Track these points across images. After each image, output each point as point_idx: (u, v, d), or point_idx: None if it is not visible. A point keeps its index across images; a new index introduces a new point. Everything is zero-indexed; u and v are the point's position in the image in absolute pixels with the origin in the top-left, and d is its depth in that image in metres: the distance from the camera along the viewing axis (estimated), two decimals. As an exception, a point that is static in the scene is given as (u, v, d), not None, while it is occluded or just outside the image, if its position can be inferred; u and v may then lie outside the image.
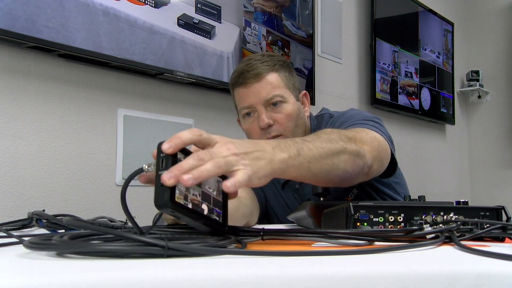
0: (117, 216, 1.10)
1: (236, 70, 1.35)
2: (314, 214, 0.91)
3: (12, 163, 1.48)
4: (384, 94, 3.14)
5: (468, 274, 0.52)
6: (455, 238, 0.70)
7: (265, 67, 1.31)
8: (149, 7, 1.77)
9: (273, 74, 1.31)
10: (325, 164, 0.88)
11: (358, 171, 0.98)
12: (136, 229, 0.67)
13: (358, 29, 3.13)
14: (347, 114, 1.32)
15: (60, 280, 0.46)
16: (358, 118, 1.25)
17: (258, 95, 1.29)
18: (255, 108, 1.30)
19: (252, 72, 1.29)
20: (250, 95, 1.29)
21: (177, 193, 0.63)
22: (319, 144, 0.88)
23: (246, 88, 1.30)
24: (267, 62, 1.32)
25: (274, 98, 1.29)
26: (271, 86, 1.30)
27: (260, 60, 1.33)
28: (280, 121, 1.29)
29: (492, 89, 4.23)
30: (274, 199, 1.39)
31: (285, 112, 1.30)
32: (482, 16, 4.33)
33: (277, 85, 1.30)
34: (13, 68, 1.50)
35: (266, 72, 1.30)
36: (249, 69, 1.30)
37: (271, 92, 1.29)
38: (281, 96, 1.30)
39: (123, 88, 1.79)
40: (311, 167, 0.85)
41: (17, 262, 0.57)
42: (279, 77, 1.32)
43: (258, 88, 1.29)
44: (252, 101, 1.30)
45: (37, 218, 0.92)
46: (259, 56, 1.36)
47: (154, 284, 0.47)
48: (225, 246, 0.64)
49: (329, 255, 0.61)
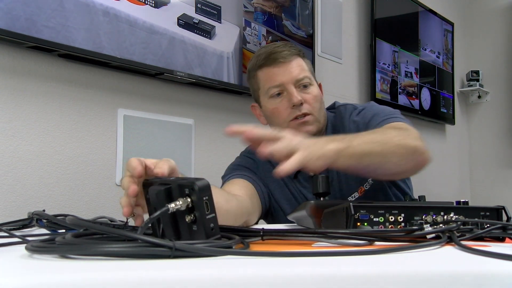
0: (117, 216, 1.10)
1: (260, 53, 1.37)
2: (315, 214, 0.91)
3: (12, 163, 1.48)
4: (384, 94, 3.14)
5: (468, 274, 0.52)
6: (455, 238, 0.70)
7: (293, 51, 1.36)
8: (149, 7, 1.77)
9: (300, 59, 1.36)
10: (376, 158, 1.01)
11: (412, 165, 1.10)
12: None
13: (358, 29, 3.13)
14: (375, 108, 1.37)
15: (65, 281, 0.46)
16: (390, 112, 1.32)
17: (289, 74, 1.32)
18: (285, 87, 1.32)
19: (282, 53, 1.33)
20: (281, 73, 1.32)
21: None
22: (371, 138, 1.03)
23: (277, 67, 1.32)
24: (293, 48, 1.37)
25: (304, 79, 1.33)
26: (300, 68, 1.34)
27: (286, 45, 1.38)
28: (309, 101, 1.33)
29: (492, 89, 4.23)
30: (280, 193, 1.39)
31: (313, 94, 1.34)
32: (482, 16, 4.33)
33: (305, 68, 1.35)
34: (13, 68, 1.50)
35: (295, 56, 1.35)
36: (278, 50, 1.34)
37: (301, 73, 1.33)
38: (309, 79, 1.35)
39: (123, 88, 1.79)
40: (362, 160, 1.00)
41: (21, 262, 0.57)
42: (304, 62, 1.37)
43: (289, 68, 1.32)
44: (283, 80, 1.31)
45: (37, 218, 0.92)
46: (282, 42, 1.42)
47: (161, 284, 0.47)
48: (230, 246, 0.64)
49: (329, 255, 0.61)
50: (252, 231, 0.79)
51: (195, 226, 0.66)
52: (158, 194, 0.66)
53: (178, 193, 0.66)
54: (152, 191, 0.67)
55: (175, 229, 0.68)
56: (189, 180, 0.66)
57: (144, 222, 0.63)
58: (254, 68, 1.38)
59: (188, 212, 0.66)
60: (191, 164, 2.00)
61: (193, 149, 2.01)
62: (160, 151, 1.87)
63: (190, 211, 0.66)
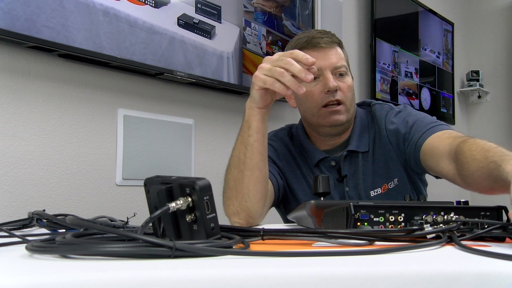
0: (117, 216, 1.10)
1: (301, 37, 1.37)
2: (315, 214, 0.91)
3: (12, 163, 1.48)
4: (384, 94, 3.14)
5: (468, 274, 0.52)
6: (455, 238, 0.70)
7: (335, 39, 1.36)
8: (149, 7, 1.77)
9: (339, 48, 1.37)
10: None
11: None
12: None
13: (358, 29, 3.13)
14: (414, 112, 1.37)
15: (65, 281, 0.46)
16: (432, 118, 1.32)
17: (329, 60, 1.32)
18: (322, 72, 1.32)
19: (324, 39, 1.34)
20: (320, 58, 1.31)
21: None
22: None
23: (317, 52, 1.32)
24: (334, 36, 1.38)
25: (342, 68, 1.34)
26: (339, 56, 1.35)
27: (327, 33, 1.38)
28: (343, 89, 1.34)
29: (492, 89, 4.23)
30: (297, 184, 1.40)
31: (348, 83, 1.35)
32: (482, 16, 4.33)
33: (343, 57, 1.36)
34: (13, 68, 1.50)
35: (335, 44, 1.36)
36: (321, 35, 1.35)
37: (339, 61, 1.34)
38: (346, 68, 1.36)
39: (123, 88, 1.79)
40: None
41: (21, 262, 0.57)
42: (342, 53, 1.38)
43: (329, 54, 1.33)
44: (321, 64, 1.31)
45: (37, 218, 0.92)
46: (322, 30, 1.41)
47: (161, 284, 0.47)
48: (230, 246, 0.64)
49: (329, 255, 0.61)
50: (252, 231, 0.79)
51: (195, 226, 0.66)
52: (159, 193, 0.66)
53: (179, 192, 0.66)
54: (153, 190, 0.68)
55: (176, 228, 0.68)
56: (190, 180, 0.66)
57: (145, 221, 0.63)
58: (295, 47, 1.37)
59: (189, 211, 0.66)
60: (191, 164, 2.00)
61: (193, 149, 2.01)
62: (160, 151, 1.87)
63: (190, 210, 0.66)
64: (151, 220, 0.64)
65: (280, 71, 1.06)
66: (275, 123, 2.36)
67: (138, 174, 1.79)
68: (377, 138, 1.38)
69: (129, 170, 1.77)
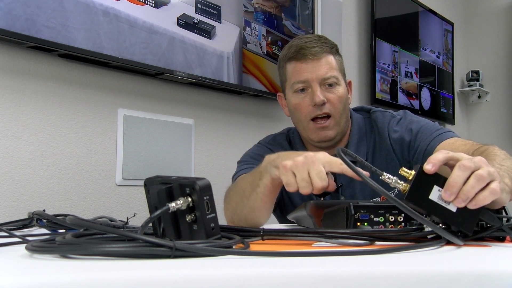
0: (117, 216, 1.10)
1: (292, 45, 1.36)
2: (315, 214, 0.91)
3: (12, 163, 1.48)
4: (384, 94, 3.14)
5: (468, 274, 0.52)
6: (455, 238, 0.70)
7: (325, 47, 1.34)
8: (149, 7, 1.77)
9: (330, 56, 1.35)
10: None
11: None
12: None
13: (358, 29, 3.13)
14: (415, 118, 1.35)
15: (65, 281, 0.46)
16: (436, 125, 1.31)
17: (316, 72, 1.31)
18: (310, 84, 1.32)
19: (313, 49, 1.32)
20: (308, 70, 1.31)
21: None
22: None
23: (305, 64, 1.32)
24: (326, 43, 1.36)
25: (330, 78, 1.32)
26: (329, 66, 1.33)
27: (319, 40, 1.36)
28: (332, 101, 1.32)
29: (492, 89, 4.23)
30: None
31: (338, 94, 1.33)
32: (482, 16, 4.33)
33: (333, 67, 1.34)
34: (13, 68, 1.50)
35: (325, 53, 1.34)
36: (309, 46, 1.33)
37: (328, 72, 1.32)
38: (336, 78, 1.34)
39: (123, 88, 1.79)
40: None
41: (21, 262, 0.57)
42: (334, 60, 1.36)
43: (317, 66, 1.32)
44: (309, 77, 1.31)
45: (37, 218, 0.92)
46: (315, 37, 1.40)
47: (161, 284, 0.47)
48: (230, 246, 0.64)
49: (329, 255, 0.61)
50: (252, 231, 0.79)
51: (195, 226, 0.66)
52: (159, 193, 0.67)
53: (179, 192, 0.66)
54: (153, 190, 0.68)
55: (176, 228, 0.68)
56: (190, 180, 0.66)
57: (145, 221, 0.63)
58: (283, 59, 1.39)
59: (189, 211, 0.66)
60: (191, 164, 2.00)
61: (193, 149, 2.01)
62: (160, 151, 1.87)
63: (190, 210, 0.66)
64: (151, 220, 0.64)
65: (302, 186, 0.91)
66: (274, 123, 2.37)
67: (138, 174, 1.79)
68: (377, 147, 1.37)
69: (129, 170, 1.77)
